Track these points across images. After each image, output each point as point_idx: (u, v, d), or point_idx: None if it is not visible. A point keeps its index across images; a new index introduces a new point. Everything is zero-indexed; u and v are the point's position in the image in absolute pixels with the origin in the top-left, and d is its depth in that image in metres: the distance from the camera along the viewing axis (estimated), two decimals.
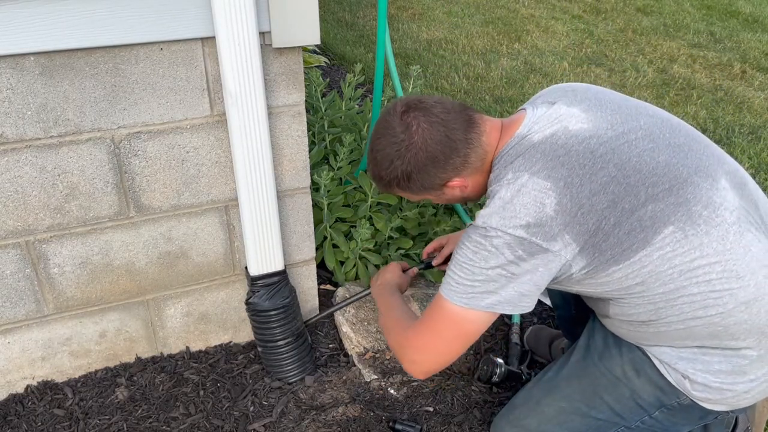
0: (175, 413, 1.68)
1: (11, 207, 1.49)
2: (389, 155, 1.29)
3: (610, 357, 1.37)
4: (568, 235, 1.16)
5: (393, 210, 2.17)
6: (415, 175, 1.29)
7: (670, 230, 1.16)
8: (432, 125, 1.25)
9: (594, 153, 1.19)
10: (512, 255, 1.17)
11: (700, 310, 1.18)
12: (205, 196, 1.66)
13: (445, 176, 1.29)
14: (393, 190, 1.38)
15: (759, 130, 3.48)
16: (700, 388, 1.26)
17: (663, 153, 1.20)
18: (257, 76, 1.45)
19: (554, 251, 1.17)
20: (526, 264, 1.18)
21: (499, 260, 1.18)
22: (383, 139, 1.30)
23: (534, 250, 1.17)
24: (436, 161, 1.27)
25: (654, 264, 1.17)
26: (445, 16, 5.47)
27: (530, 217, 1.16)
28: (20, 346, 1.67)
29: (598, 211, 1.16)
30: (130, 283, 1.70)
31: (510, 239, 1.17)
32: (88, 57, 1.39)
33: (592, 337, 1.44)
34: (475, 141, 1.27)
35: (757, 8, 5.83)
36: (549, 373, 1.48)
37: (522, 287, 1.20)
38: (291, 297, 1.75)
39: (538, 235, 1.16)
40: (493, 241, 1.18)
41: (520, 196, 1.18)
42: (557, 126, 1.23)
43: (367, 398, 1.74)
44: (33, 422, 1.65)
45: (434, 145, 1.25)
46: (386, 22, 1.91)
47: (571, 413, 1.40)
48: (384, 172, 1.32)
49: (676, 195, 1.17)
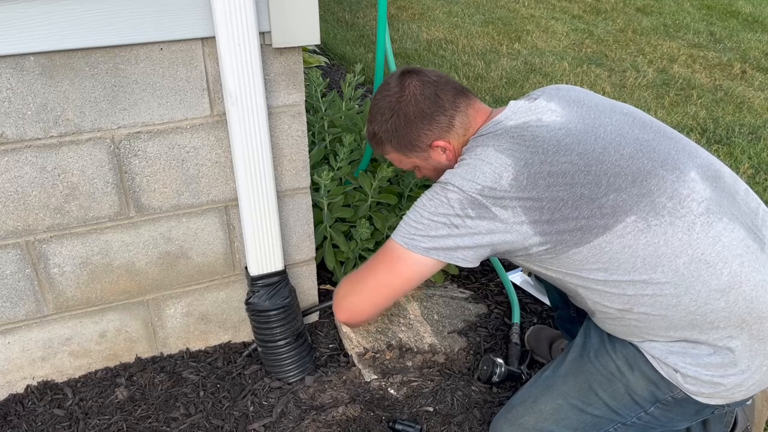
0: (175, 413, 1.68)
1: (11, 207, 1.49)
2: (382, 108, 1.43)
3: (604, 353, 1.39)
4: (520, 208, 1.23)
5: (393, 209, 2.17)
6: (404, 129, 1.40)
7: (632, 219, 1.20)
8: (424, 84, 1.39)
9: (560, 142, 1.26)
10: (461, 210, 1.25)
11: (673, 299, 1.21)
12: (205, 196, 1.66)
13: (431, 134, 1.40)
14: (385, 149, 1.48)
15: (759, 130, 3.48)
16: (692, 382, 1.26)
17: (629, 147, 1.26)
18: (257, 76, 1.45)
19: (502, 220, 1.24)
20: (471, 222, 1.25)
21: (447, 210, 1.26)
22: (379, 95, 1.45)
23: (483, 214, 1.24)
24: (424, 116, 1.38)
25: (614, 251, 1.21)
26: (445, 16, 5.47)
27: (486, 184, 1.24)
28: (20, 346, 1.67)
29: (554, 191, 1.22)
30: (130, 283, 1.70)
31: (463, 197, 1.25)
32: (88, 57, 1.39)
33: (588, 335, 1.45)
34: (462, 107, 1.39)
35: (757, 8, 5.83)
36: (546, 371, 1.49)
37: (461, 241, 1.27)
38: (291, 297, 1.75)
39: (489, 199, 1.24)
40: (448, 194, 1.27)
41: (481, 165, 1.27)
42: (532, 116, 1.31)
43: (367, 398, 1.74)
44: (33, 422, 1.65)
45: (423, 100, 1.38)
46: (386, 22, 1.91)
47: (567, 410, 1.41)
48: (377, 126, 1.44)
49: (639, 186, 1.22)
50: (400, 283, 1.34)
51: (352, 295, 1.41)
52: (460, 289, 2.17)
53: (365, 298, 1.39)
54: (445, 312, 2.04)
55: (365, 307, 1.40)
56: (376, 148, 1.50)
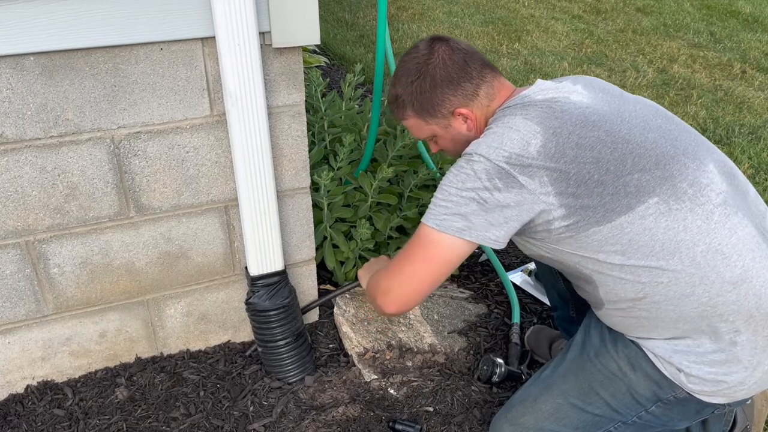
0: (175, 413, 1.68)
1: (11, 207, 1.49)
2: (408, 69, 1.41)
3: (605, 353, 1.39)
4: (547, 178, 1.21)
5: (393, 210, 2.17)
6: (429, 93, 1.38)
7: (654, 201, 1.20)
8: (453, 50, 1.38)
9: (587, 118, 1.26)
10: (489, 182, 1.23)
11: (687, 288, 1.21)
12: (205, 196, 1.66)
13: (455, 101, 1.38)
14: (406, 113, 1.45)
15: (759, 130, 3.48)
16: (695, 381, 1.27)
17: (652, 132, 1.27)
18: (257, 77, 1.45)
19: (529, 189, 1.22)
20: (499, 195, 1.23)
21: (475, 184, 1.24)
22: (407, 57, 1.43)
23: (510, 184, 1.22)
24: (450, 81, 1.37)
25: (635, 233, 1.20)
26: (445, 16, 5.47)
27: (513, 151, 1.22)
28: (20, 346, 1.67)
29: (581, 164, 1.21)
30: (130, 283, 1.70)
31: (490, 166, 1.23)
32: (88, 57, 1.39)
33: (588, 333, 1.45)
34: (488, 78, 1.39)
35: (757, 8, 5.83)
36: (546, 371, 1.49)
37: (492, 217, 1.24)
38: (291, 297, 1.75)
39: (516, 168, 1.22)
40: (474, 166, 1.25)
41: (509, 132, 1.25)
42: (559, 94, 1.32)
43: (367, 398, 1.74)
44: (33, 422, 1.65)
45: (452, 65, 1.37)
46: (386, 22, 1.91)
47: (567, 409, 1.41)
48: (401, 87, 1.42)
49: (662, 169, 1.22)
50: (439, 267, 1.32)
51: (395, 288, 1.36)
52: (460, 289, 2.17)
53: (409, 288, 1.35)
54: (445, 312, 2.04)
55: (412, 296, 1.36)
56: (397, 112, 1.48)
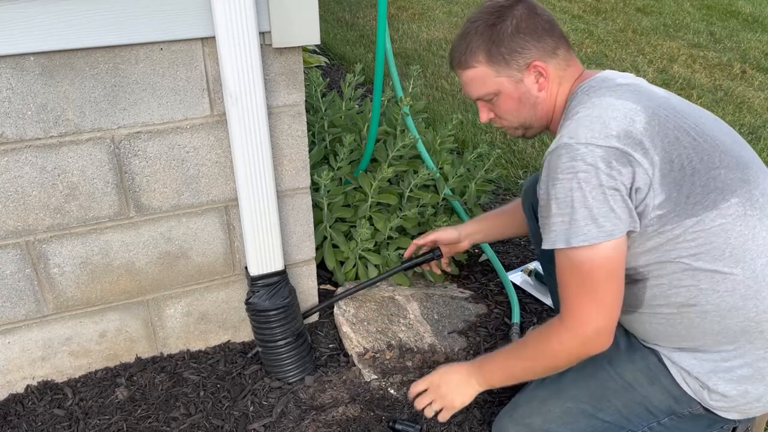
0: (175, 413, 1.68)
1: (11, 207, 1.49)
2: (490, 9, 1.31)
3: (621, 362, 1.36)
4: (657, 157, 1.14)
5: (393, 210, 2.17)
6: (509, 37, 1.28)
7: (735, 201, 1.17)
8: (536, 9, 1.31)
9: (675, 106, 1.22)
10: (608, 168, 1.12)
11: (739, 301, 1.18)
12: (205, 196, 1.66)
13: (535, 52, 1.28)
14: (476, 59, 1.32)
15: (759, 130, 3.48)
16: (717, 397, 1.25)
17: (727, 136, 1.25)
18: (257, 76, 1.45)
19: (644, 168, 1.13)
20: (622, 177, 1.13)
21: (599, 178, 1.12)
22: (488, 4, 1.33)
23: (626, 161, 1.13)
24: (534, 30, 1.28)
25: (713, 232, 1.16)
26: (445, 16, 5.47)
27: (620, 129, 1.14)
28: (20, 346, 1.67)
29: (681, 147, 1.16)
30: (130, 283, 1.70)
31: (602, 152, 1.12)
32: (88, 57, 1.39)
33: None
34: (566, 45, 1.33)
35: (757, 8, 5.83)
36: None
37: (628, 202, 1.14)
38: (291, 297, 1.75)
39: (629, 145, 1.13)
40: (586, 159, 1.13)
41: (608, 111, 1.17)
42: (639, 82, 1.28)
43: (367, 398, 1.74)
44: (33, 422, 1.65)
45: (536, 18, 1.29)
46: (386, 22, 1.91)
47: (577, 414, 1.39)
48: (476, 31, 1.31)
49: (741, 172, 1.19)
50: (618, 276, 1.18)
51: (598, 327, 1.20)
52: (460, 289, 2.17)
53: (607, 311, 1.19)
54: (445, 312, 2.04)
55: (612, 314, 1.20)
56: (465, 58, 1.33)
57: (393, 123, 2.38)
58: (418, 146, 2.24)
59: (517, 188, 2.89)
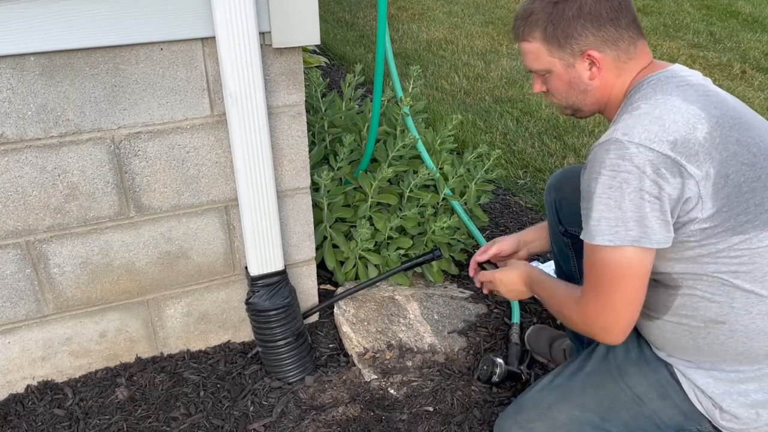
0: (175, 413, 1.68)
1: (11, 207, 1.49)
2: None
3: (631, 374, 1.34)
4: (712, 169, 1.10)
5: (393, 210, 2.17)
6: (569, 20, 1.22)
7: None
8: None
9: (741, 116, 1.17)
10: (655, 175, 1.08)
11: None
12: (205, 196, 1.66)
13: (592, 39, 1.22)
14: (533, 34, 1.28)
15: None
16: (728, 418, 1.24)
17: None
18: (257, 77, 1.45)
19: (696, 180, 1.10)
20: (668, 187, 1.09)
21: (642, 182, 1.09)
22: None
23: (676, 171, 1.09)
24: (597, 17, 1.21)
25: (759, 252, 1.13)
26: (445, 16, 5.47)
27: (679, 135, 1.10)
28: (20, 346, 1.67)
29: (739, 163, 1.12)
30: (131, 283, 1.70)
31: (653, 156, 1.09)
32: (88, 57, 1.39)
33: (612, 347, 1.39)
34: (634, 35, 1.24)
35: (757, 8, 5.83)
36: (559, 378, 1.44)
37: (666, 215, 1.11)
38: (291, 297, 1.75)
39: (683, 155, 1.09)
40: (634, 159, 1.09)
41: (671, 114, 1.13)
42: (708, 83, 1.23)
43: (367, 398, 1.74)
44: (33, 422, 1.65)
45: (605, 3, 1.21)
46: (386, 22, 1.91)
47: (583, 423, 1.37)
48: (542, 4, 1.25)
49: None
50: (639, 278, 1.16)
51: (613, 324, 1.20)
52: (460, 289, 2.17)
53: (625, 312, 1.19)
54: (445, 312, 2.04)
55: (631, 320, 1.20)
56: (523, 29, 1.29)
57: (393, 123, 2.38)
58: (418, 146, 2.24)
59: (516, 188, 2.89)
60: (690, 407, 1.27)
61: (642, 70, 1.26)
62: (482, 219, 2.36)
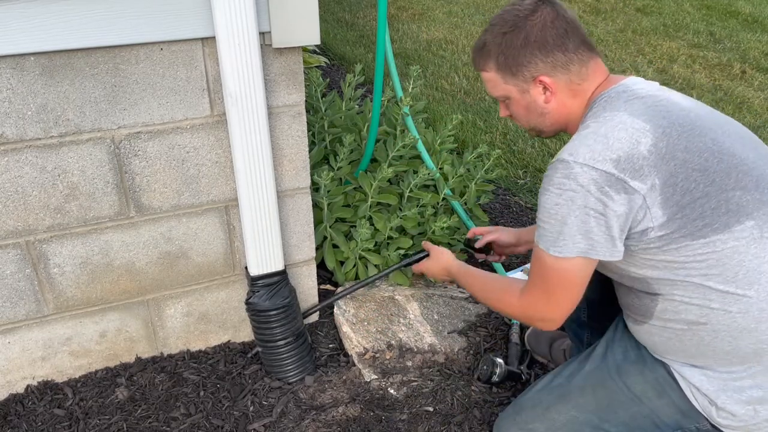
0: (175, 413, 1.68)
1: (11, 207, 1.49)
2: (505, 19, 1.31)
3: (629, 373, 1.34)
4: (658, 181, 1.13)
5: (393, 210, 2.17)
6: (518, 49, 1.28)
7: (750, 224, 1.15)
8: (558, 18, 1.27)
9: (693, 122, 1.19)
10: (599, 193, 1.13)
11: (752, 323, 1.17)
12: (205, 196, 1.66)
13: (542, 66, 1.28)
14: (488, 65, 1.35)
15: (759, 130, 3.49)
16: (725, 415, 1.24)
17: (751, 151, 1.22)
18: (257, 77, 1.45)
19: (641, 194, 1.13)
20: (615, 205, 1.14)
21: (587, 200, 1.14)
22: (509, 7, 1.32)
23: (620, 187, 1.13)
24: (544, 45, 1.26)
25: (725, 254, 1.15)
26: (445, 16, 5.47)
27: (622, 152, 1.14)
28: (20, 346, 1.67)
29: (689, 170, 1.14)
30: (131, 283, 1.70)
31: (597, 175, 1.13)
32: (88, 57, 1.39)
33: (611, 348, 1.40)
34: (584, 57, 1.28)
35: (757, 8, 5.83)
36: (558, 378, 1.45)
37: (612, 230, 1.16)
38: (291, 297, 1.75)
39: (626, 171, 1.13)
40: (579, 179, 1.14)
41: (615, 131, 1.16)
42: (661, 93, 1.26)
43: (367, 398, 1.74)
44: (33, 422, 1.65)
45: (551, 29, 1.26)
46: (386, 22, 1.91)
47: (582, 423, 1.38)
48: (491, 36, 1.32)
49: (761, 192, 1.17)
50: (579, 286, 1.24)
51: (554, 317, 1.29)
52: (460, 289, 2.17)
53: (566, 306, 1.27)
54: (445, 312, 2.05)
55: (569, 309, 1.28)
56: (479, 61, 1.37)
57: (393, 123, 2.38)
58: (418, 146, 2.24)
59: (516, 188, 2.89)
60: (687, 405, 1.28)
61: (598, 87, 1.30)
62: (482, 219, 2.36)
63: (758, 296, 1.16)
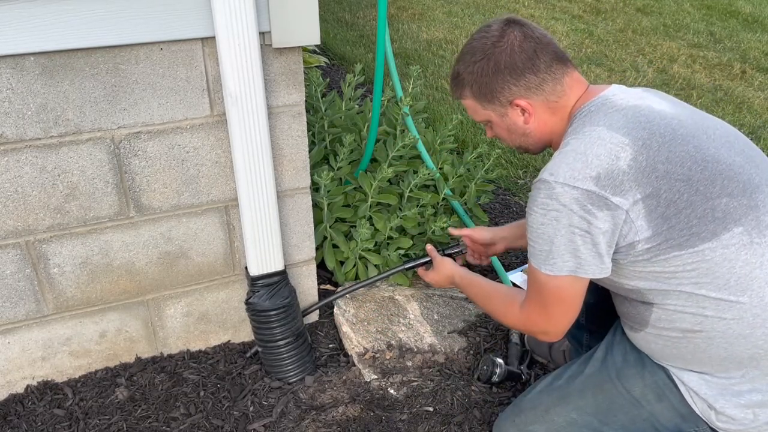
0: (175, 413, 1.68)
1: (11, 207, 1.49)
2: (474, 49, 1.32)
3: (629, 377, 1.34)
4: (639, 195, 1.13)
5: (393, 210, 2.17)
6: (489, 77, 1.29)
7: (739, 231, 1.14)
8: (525, 38, 1.27)
9: (675, 131, 1.19)
10: (582, 211, 1.14)
11: (747, 329, 1.16)
12: (205, 196, 1.66)
13: (515, 90, 1.29)
14: (464, 93, 1.37)
15: (759, 130, 3.48)
16: (724, 419, 1.24)
17: (738, 156, 1.20)
18: (257, 77, 1.45)
19: (623, 209, 1.14)
20: (597, 221, 1.14)
21: (571, 219, 1.15)
22: (476, 35, 1.34)
23: (602, 204, 1.13)
24: (514, 69, 1.27)
25: (714, 262, 1.14)
26: (445, 16, 5.47)
27: (602, 168, 1.14)
28: (20, 346, 1.67)
29: (672, 180, 1.14)
30: (130, 283, 1.70)
31: (578, 194, 1.14)
32: (88, 57, 1.39)
33: (610, 351, 1.40)
34: (557, 74, 1.29)
35: (757, 8, 5.83)
36: (558, 380, 1.45)
37: (599, 247, 1.16)
38: (291, 297, 1.75)
39: (607, 188, 1.13)
40: (560, 199, 1.15)
41: (594, 147, 1.16)
42: (642, 102, 1.24)
43: (367, 398, 1.74)
44: (33, 422, 1.65)
45: (520, 53, 1.27)
46: (386, 22, 1.91)
47: (582, 426, 1.38)
48: (463, 66, 1.34)
49: (749, 198, 1.16)
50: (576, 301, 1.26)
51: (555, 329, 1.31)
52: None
53: (566, 320, 1.29)
54: (445, 312, 2.05)
55: (570, 322, 1.29)
56: (455, 90, 1.40)
57: (393, 123, 2.38)
58: (418, 146, 2.24)
59: (516, 188, 2.89)
60: (687, 409, 1.28)
61: (578, 100, 1.30)
62: (482, 219, 2.36)
63: (752, 302, 1.15)
